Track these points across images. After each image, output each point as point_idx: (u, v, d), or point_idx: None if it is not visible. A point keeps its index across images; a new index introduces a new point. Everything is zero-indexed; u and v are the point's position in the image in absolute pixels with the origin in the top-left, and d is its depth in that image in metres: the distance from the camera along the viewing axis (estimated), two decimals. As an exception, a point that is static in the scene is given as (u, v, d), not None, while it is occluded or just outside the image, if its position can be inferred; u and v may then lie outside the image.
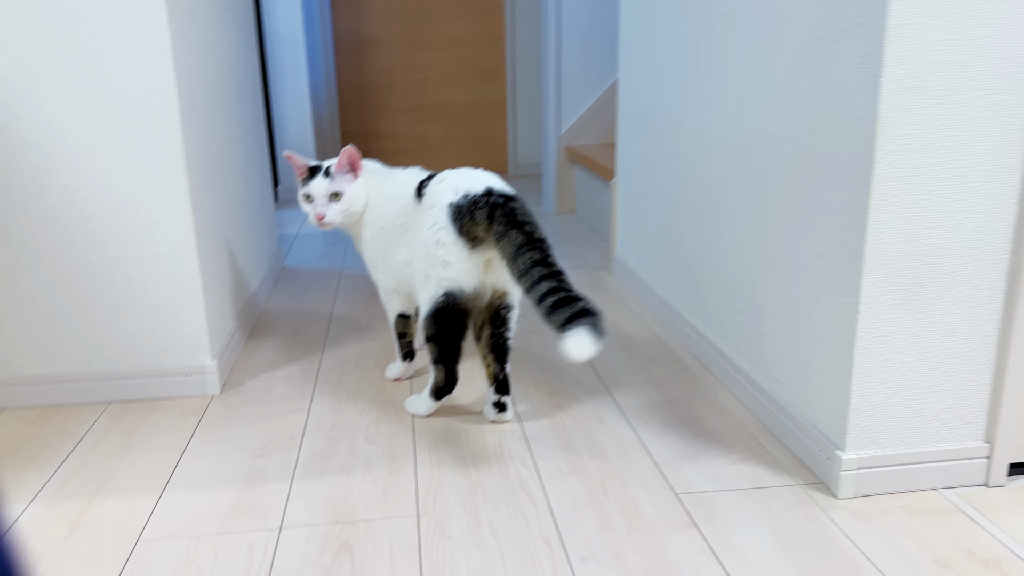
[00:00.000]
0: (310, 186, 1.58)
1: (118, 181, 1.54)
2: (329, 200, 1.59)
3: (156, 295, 1.61)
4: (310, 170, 1.60)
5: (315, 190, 1.59)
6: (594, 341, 1.24)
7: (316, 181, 1.58)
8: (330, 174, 1.59)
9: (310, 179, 1.59)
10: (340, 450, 1.43)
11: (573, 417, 1.54)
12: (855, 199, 1.17)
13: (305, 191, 1.59)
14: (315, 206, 1.59)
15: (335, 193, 1.59)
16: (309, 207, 1.60)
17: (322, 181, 1.58)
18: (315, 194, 1.59)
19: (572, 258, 2.70)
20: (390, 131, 4.52)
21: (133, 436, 1.50)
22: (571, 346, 1.24)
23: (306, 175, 1.60)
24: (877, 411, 1.23)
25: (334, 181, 1.59)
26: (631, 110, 2.22)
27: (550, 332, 1.94)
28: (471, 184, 1.42)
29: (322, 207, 1.59)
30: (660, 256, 2.05)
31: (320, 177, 1.58)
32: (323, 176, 1.58)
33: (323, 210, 1.58)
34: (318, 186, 1.58)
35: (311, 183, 1.59)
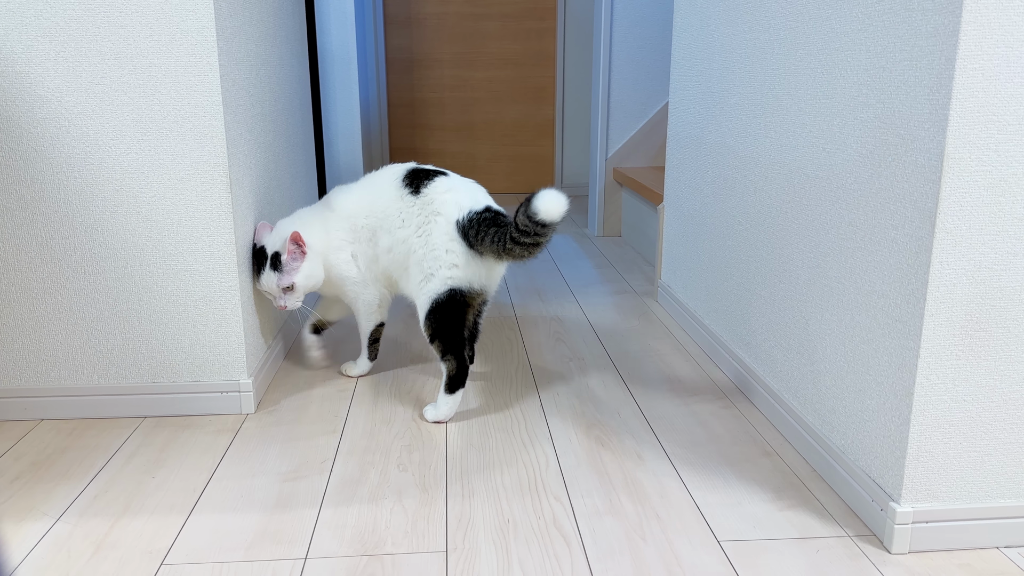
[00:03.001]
0: (260, 282, 1.56)
1: (161, 196, 1.54)
2: (284, 292, 1.57)
3: (195, 311, 1.60)
4: (256, 254, 1.56)
5: (266, 286, 1.56)
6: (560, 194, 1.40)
7: (265, 277, 1.55)
8: (279, 265, 1.54)
9: (259, 268, 1.56)
10: (371, 477, 1.40)
11: (612, 452, 1.48)
12: (918, 237, 1.11)
13: (256, 284, 1.57)
14: (273, 299, 1.57)
15: (288, 287, 1.57)
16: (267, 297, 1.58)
17: (271, 277, 1.54)
18: (267, 290, 1.55)
19: (616, 283, 2.64)
20: (438, 149, 4.53)
21: (165, 453, 1.49)
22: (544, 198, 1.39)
23: (254, 259, 1.57)
24: (936, 462, 1.15)
25: (283, 274, 1.55)
26: (681, 134, 2.17)
27: (590, 361, 1.91)
28: (472, 202, 1.53)
29: (280, 300, 1.58)
30: (707, 285, 1.98)
31: (268, 271, 1.54)
32: (271, 270, 1.53)
33: (282, 302, 1.58)
34: (268, 283, 1.56)
35: (261, 278, 1.56)
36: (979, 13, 1.01)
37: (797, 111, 1.46)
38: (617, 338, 2.10)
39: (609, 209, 3.36)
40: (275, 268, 1.56)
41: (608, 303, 2.42)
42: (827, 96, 1.35)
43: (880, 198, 1.20)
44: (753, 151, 1.67)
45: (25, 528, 1.25)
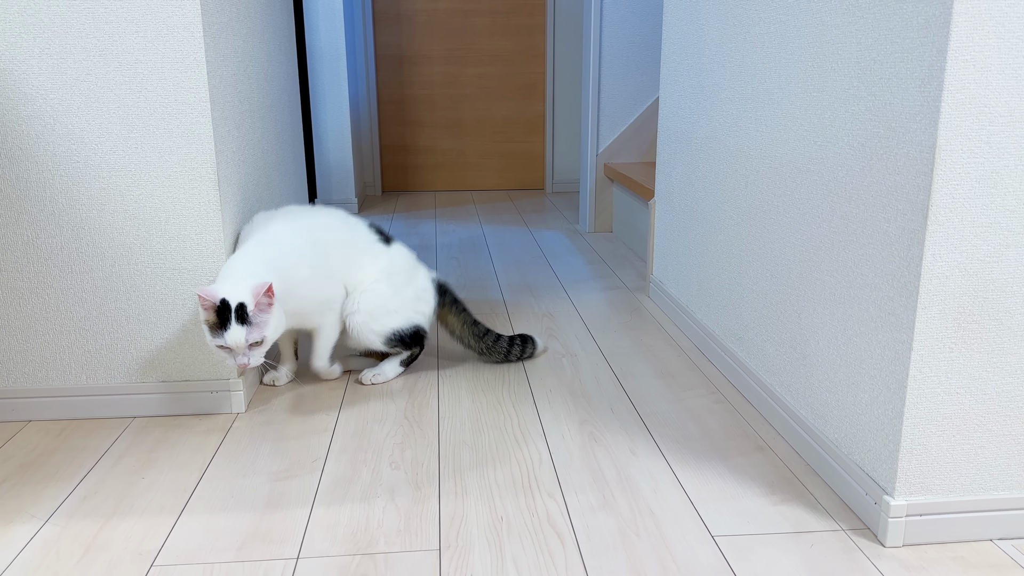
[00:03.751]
0: (225, 338, 1.40)
1: (148, 194, 1.53)
2: (250, 348, 1.44)
3: (184, 310, 1.59)
4: (218, 310, 1.40)
5: (233, 342, 1.41)
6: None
7: (232, 333, 1.40)
8: (247, 318, 1.41)
9: (221, 326, 1.40)
10: (363, 475, 1.39)
11: (605, 448, 1.48)
12: (910, 230, 1.10)
13: (218, 343, 1.41)
14: (235, 357, 1.43)
15: (257, 342, 1.44)
16: (223, 354, 1.44)
17: (239, 332, 1.40)
18: (234, 347, 1.42)
19: (608, 279, 2.64)
20: (429, 146, 4.51)
21: (155, 453, 1.48)
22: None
23: (214, 318, 1.40)
24: (929, 455, 1.15)
25: (253, 328, 1.42)
26: (672, 129, 2.17)
27: (583, 357, 1.90)
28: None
29: (243, 357, 1.44)
30: (699, 279, 1.98)
31: (235, 326, 1.40)
32: (238, 324, 1.40)
33: (245, 359, 1.44)
34: (235, 338, 1.40)
35: (226, 335, 1.40)
36: (970, 4, 1.00)
37: (788, 104, 1.46)
38: (609, 334, 2.10)
39: (600, 205, 3.36)
40: (242, 321, 1.42)
41: (600, 299, 2.42)
42: (818, 89, 1.35)
43: (872, 191, 1.20)
44: (744, 145, 1.67)
45: (13, 531, 1.23)
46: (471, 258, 2.96)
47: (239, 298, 1.42)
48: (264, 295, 1.44)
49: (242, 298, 1.42)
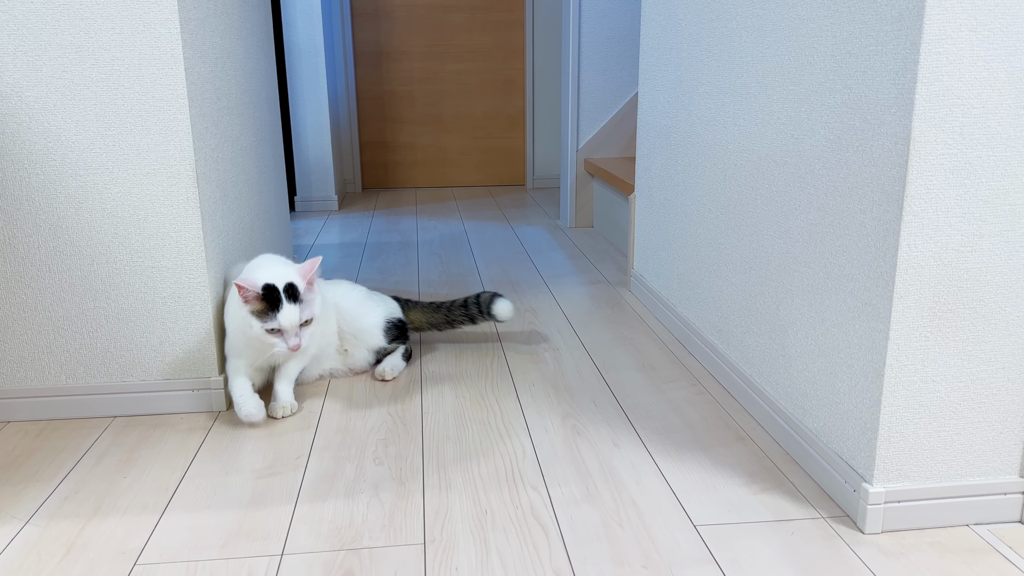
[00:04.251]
0: (280, 318, 1.41)
1: (126, 192, 1.51)
2: (301, 328, 1.45)
3: (164, 308, 1.58)
4: (265, 296, 1.41)
5: (288, 322, 1.41)
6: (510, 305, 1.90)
7: (287, 311, 1.42)
8: (298, 296, 1.43)
9: (272, 308, 1.42)
10: (347, 471, 1.39)
11: (588, 441, 1.49)
12: (886, 221, 1.12)
13: (271, 325, 1.41)
14: (287, 338, 1.43)
15: (308, 319, 1.46)
16: (274, 339, 1.43)
17: (293, 310, 1.42)
18: (287, 327, 1.42)
19: (589, 273, 2.65)
20: (408, 142, 4.51)
21: (136, 452, 1.47)
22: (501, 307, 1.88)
23: (261, 303, 1.42)
24: (907, 442, 1.17)
25: (305, 305, 1.44)
26: (651, 123, 2.18)
27: (565, 351, 1.91)
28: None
29: (295, 338, 1.44)
30: (679, 273, 2.00)
31: (288, 305, 1.42)
32: (291, 303, 1.42)
33: (297, 340, 1.45)
34: (290, 317, 1.42)
35: (280, 315, 1.41)
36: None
37: (765, 98, 1.47)
38: (591, 327, 2.11)
39: (581, 200, 3.37)
40: (294, 300, 1.45)
41: (582, 293, 2.43)
42: (794, 83, 1.36)
43: (848, 183, 1.21)
44: (722, 139, 1.68)
45: (-7, 532, 1.22)
46: (453, 254, 2.96)
47: (287, 279, 1.47)
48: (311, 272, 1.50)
49: (291, 279, 1.47)
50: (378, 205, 4.02)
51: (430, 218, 3.67)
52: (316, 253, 3.01)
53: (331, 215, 3.77)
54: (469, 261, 2.85)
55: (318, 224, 3.55)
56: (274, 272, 1.49)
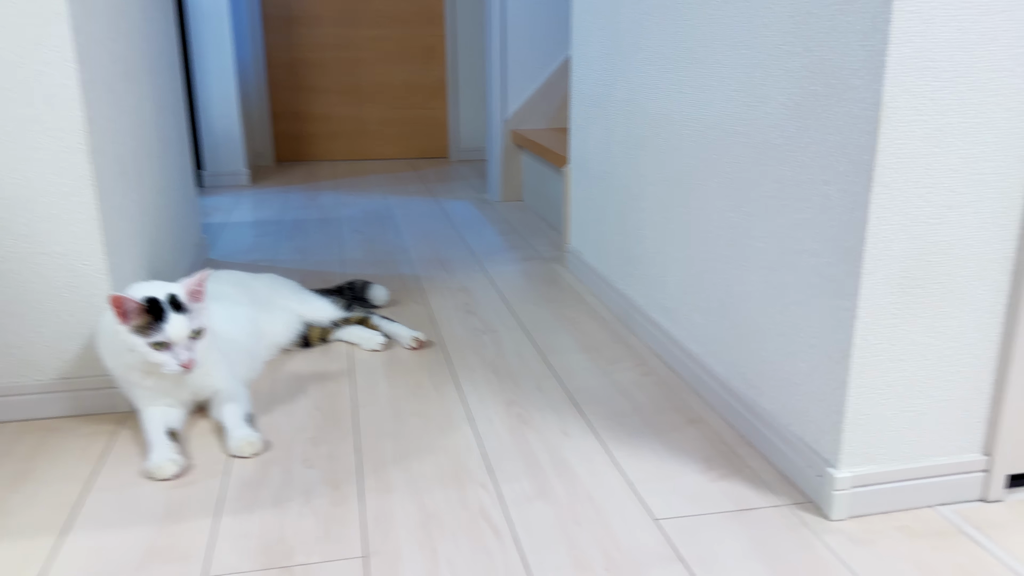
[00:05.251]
0: (167, 331, 1.27)
1: (8, 169, 1.33)
2: (191, 340, 1.31)
3: (58, 299, 1.40)
4: (147, 308, 1.27)
5: (176, 333, 1.28)
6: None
7: (174, 321, 1.28)
8: (182, 306, 1.30)
9: (154, 321, 1.27)
10: (273, 476, 1.26)
11: (536, 430, 1.40)
12: (853, 192, 1.05)
13: (154, 339, 1.27)
14: (175, 353, 1.29)
15: (197, 330, 1.32)
16: (161, 356, 1.28)
17: (181, 320, 1.28)
18: (176, 338, 1.28)
19: (522, 249, 2.55)
20: (324, 113, 4.30)
21: (31, 463, 1.30)
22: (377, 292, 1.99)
23: (143, 316, 1.27)
24: (873, 424, 1.12)
25: (194, 315, 1.31)
26: (585, 92, 2.08)
27: (504, 333, 1.79)
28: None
29: (186, 352, 1.30)
30: (619, 249, 1.92)
31: (175, 315, 1.28)
32: (175, 312, 1.29)
33: (189, 354, 1.30)
34: (178, 327, 1.28)
35: (166, 327, 1.27)
36: (917, -48, 0.95)
37: (714, 63, 1.39)
38: (529, 307, 2.02)
39: (509, 173, 3.26)
40: (179, 310, 1.30)
41: (516, 271, 2.33)
42: (747, 46, 1.28)
43: (809, 152, 1.14)
44: (665, 108, 1.60)
45: None
46: (377, 232, 2.81)
47: (169, 291, 1.31)
48: (197, 285, 1.33)
49: (173, 291, 1.32)
50: (293, 180, 3.82)
51: (351, 193, 3.50)
52: (227, 232, 2.82)
53: (242, 191, 3.56)
54: (396, 238, 2.72)
55: (229, 201, 3.34)
56: (153, 287, 1.33)
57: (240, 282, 1.73)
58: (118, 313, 1.27)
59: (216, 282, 1.68)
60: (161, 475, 1.25)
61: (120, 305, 1.27)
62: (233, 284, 1.70)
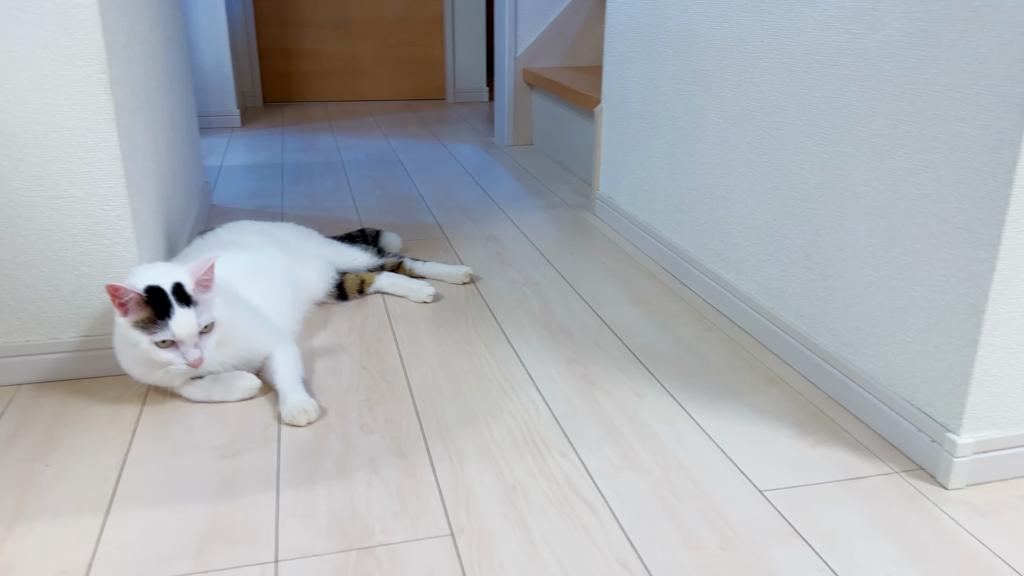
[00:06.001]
0: (172, 326, 1.13)
1: (19, 101, 1.17)
2: (201, 336, 1.17)
3: (76, 248, 1.26)
4: (148, 299, 1.13)
5: (183, 331, 1.13)
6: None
7: (180, 316, 1.13)
8: (190, 299, 1.15)
9: (160, 316, 1.13)
10: (331, 444, 1.15)
11: (605, 391, 1.29)
12: (999, 129, 0.94)
13: (160, 337, 1.13)
14: (185, 351, 1.15)
15: (207, 325, 1.17)
16: (167, 354, 1.14)
17: (188, 314, 1.14)
18: (183, 335, 1.14)
19: (544, 196, 2.42)
20: (314, 49, 4.07)
21: (57, 430, 1.17)
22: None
23: (144, 309, 1.13)
24: (1001, 386, 1.03)
25: (202, 308, 1.16)
26: (625, 24, 1.93)
27: (546, 286, 1.65)
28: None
29: (196, 349, 1.15)
30: (666, 195, 1.80)
31: (181, 309, 1.13)
32: (182, 306, 1.14)
33: (199, 352, 1.16)
34: (186, 324, 1.13)
35: (172, 321, 1.13)
36: None
37: (806, -12, 1.26)
38: (566, 257, 1.90)
39: (519, 115, 3.10)
40: (186, 303, 1.15)
41: (543, 218, 2.20)
42: (854, -32, 1.15)
43: (936, 85, 1.02)
44: (734, 37, 1.47)
45: None
46: (387, 177, 2.66)
47: (174, 279, 1.16)
48: (205, 273, 1.18)
49: (178, 278, 1.16)
50: (285, 121, 3.62)
51: (349, 135, 3.32)
52: (226, 176, 2.65)
53: (234, 132, 3.37)
54: (408, 184, 2.57)
55: (221, 143, 3.15)
56: (157, 273, 1.17)
57: (264, 231, 1.58)
58: (117, 305, 1.14)
59: (238, 232, 1.54)
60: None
61: (118, 296, 1.12)
62: (257, 234, 1.56)
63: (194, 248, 1.46)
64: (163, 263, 1.24)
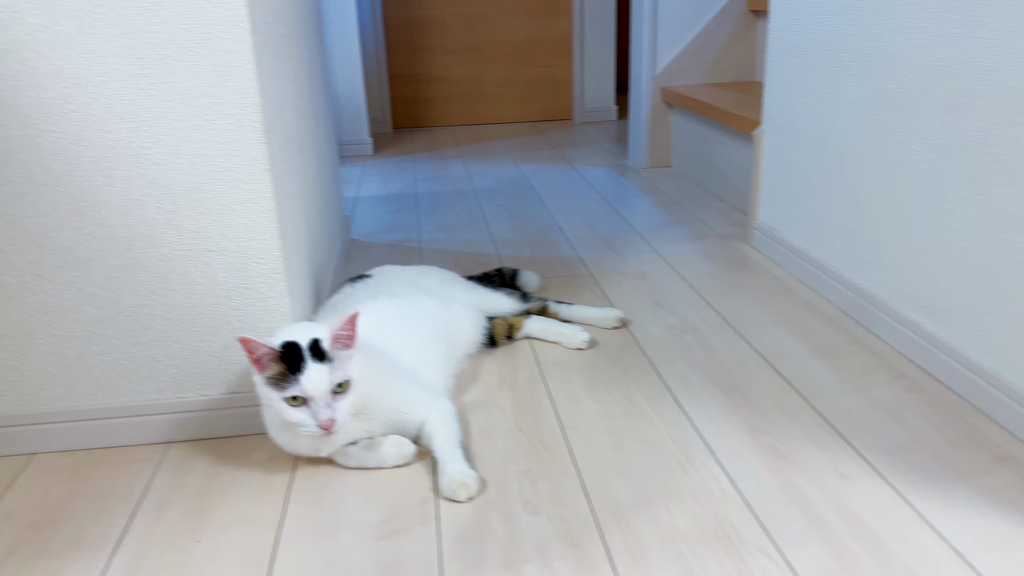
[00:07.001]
0: (303, 382, 1.05)
1: (172, 152, 1.12)
2: (334, 396, 1.08)
3: (228, 303, 1.20)
4: (282, 354, 1.07)
5: (314, 387, 1.06)
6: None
7: (311, 372, 1.05)
8: (325, 354, 1.07)
9: (292, 371, 1.06)
10: (494, 525, 1.03)
11: (801, 469, 1.13)
12: None
13: (289, 393, 1.06)
14: (316, 410, 1.06)
15: (341, 383, 1.08)
16: (298, 414, 1.07)
17: (321, 371, 1.06)
18: (314, 393, 1.06)
19: (691, 225, 2.26)
20: (441, 74, 4.05)
21: (207, 499, 1.11)
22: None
23: (278, 365, 1.07)
24: None
25: (336, 365, 1.08)
26: (791, 40, 1.76)
27: (708, 332, 1.38)
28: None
29: (327, 409, 1.07)
30: (847, 229, 1.61)
31: (313, 364, 1.06)
32: (315, 361, 1.06)
33: (330, 413, 1.07)
34: (317, 380, 1.06)
35: (302, 377, 1.05)
36: None
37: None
38: (726, 297, 1.73)
39: (656, 136, 2.95)
40: (320, 359, 1.08)
41: (694, 251, 2.04)
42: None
43: None
44: (944, 57, 1.27)
45: (30, 644, 0.87)
46: (520, 205, 2.56)
47: (312, 335, 1.09)
48: (346, 329, 1.10)
49: (316, 335, 1.09)
50: (415, 148, 3.60)
51: (479, 161, 3.25)
52: (360, 207, 2.62)
53: (367, 161, 3.36)
54: (542, 213, 2.46)
55: (354, 172, 3.15)
56: (299, 330, 1.11)
57: (410, 281, 1.50)
58: (252, 361, 1.07)
59: (386, 278, 1.47)
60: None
61: (252, 350, 1.06)
62: (405, 279, 1.48)
63: (343, 297, 1.39)
64: (308, 323, 1.17)
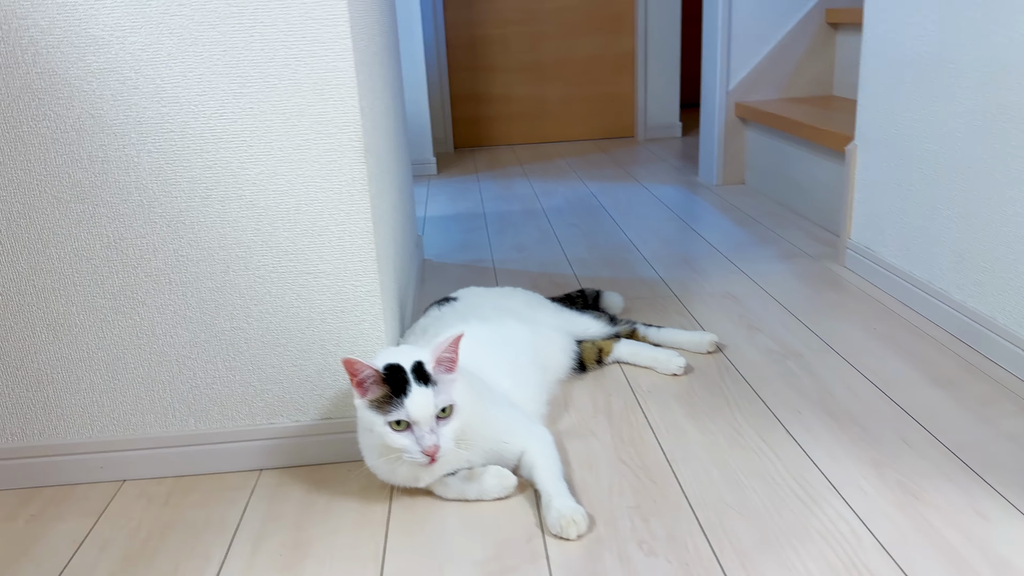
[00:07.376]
0: (408, 406, 1.01)
1: (272, 173, 1.09)
2: (438, 421, 1.03)
3: (323, 327, 1.17)
4: (386, 377, 1.02)
5: (419, 411, 1.01)
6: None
7: (416, 396, 1.01)
8: (429, 377, 1.03)
9: (395, 394, 1.01)
10: (609, 567, 0.97)
11: (934, 508, 1.04)
12: None
13: (394, 416, 1.01)
14: (420, 436, 1.01)
15: (446, 408, 1.03)
16: (401, 439, 1.02)
17: (425, 394, 1.01)
18: (418, 418, 1.01)
19: (776, 244, 2.18)
20: (503, 93, 4.03)
21: (305, 530, 1.07)
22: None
23: (381, 388, 1.03)
24: None
25: (440, 389, 1.03)
26: (891, 52, 1.68)
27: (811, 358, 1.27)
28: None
29: (431, 435, 1.02)
30: (959, 250, 1.52)
31: (417, 387, 1.01)
32: (420, 384, 1.02)
33: (435, 439, 1.01)
34: (422, 404, 1.01)
35: (407, 400, 1.01)
36: None
37: None
38: (825, 320, 1.65)
39: (730, 152, 2.87)
40: (425, 382, 1.03)
41: (783, 271, 1.96)
42: None
43: None
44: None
45: None
46: (592, 224, 2.50)
47: (415, 357, 1.05)
48: (449, 351, 1.05)
49: (419, 357, 1.05)
50: (479, 167, 3.57)
51: (544, 180, 3.21)
52: (432, 228, 2.59)
53: (432, 180, 3.35)
54: (615, 232, 2.40)
55: (420, 192, 3.13)
56: (400, 353, 1.06)
57: (496, 303, 1.45)
58: (355, 384, 1.03)
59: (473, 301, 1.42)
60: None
61: (355, 372, 1.02)
62: (492, 306, 1.43)
63: (432, 320, 1.35)
64: (407, 345, 1.13)
